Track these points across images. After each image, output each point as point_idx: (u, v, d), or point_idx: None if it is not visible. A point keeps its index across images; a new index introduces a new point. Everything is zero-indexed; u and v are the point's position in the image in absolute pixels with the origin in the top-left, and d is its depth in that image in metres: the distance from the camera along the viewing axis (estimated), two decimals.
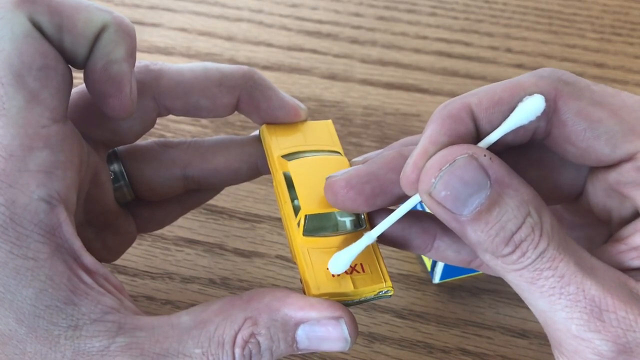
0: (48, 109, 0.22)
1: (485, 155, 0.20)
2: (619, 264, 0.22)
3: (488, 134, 0.22)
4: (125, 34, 0.24)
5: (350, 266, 0.24)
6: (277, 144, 0.28)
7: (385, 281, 0.24)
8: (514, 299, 0.35)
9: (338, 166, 0.26)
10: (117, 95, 0.24)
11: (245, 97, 0.28)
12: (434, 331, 0.34)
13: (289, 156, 0.27)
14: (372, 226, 0.25)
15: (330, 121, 0.30)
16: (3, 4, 0.21)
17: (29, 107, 0.21)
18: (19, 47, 0.21)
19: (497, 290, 0.36)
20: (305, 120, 0.29)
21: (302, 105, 0.29)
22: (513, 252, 0.20)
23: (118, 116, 0.25)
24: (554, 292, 0.20)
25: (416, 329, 0.34)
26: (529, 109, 0.21)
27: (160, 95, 0.27)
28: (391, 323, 0.34)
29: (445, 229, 0.25)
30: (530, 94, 0.21)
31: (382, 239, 0.24)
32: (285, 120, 0.29)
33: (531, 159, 0.24)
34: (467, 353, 0.33)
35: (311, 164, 0.26)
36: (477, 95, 0.22)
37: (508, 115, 0.22)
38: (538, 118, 0.21)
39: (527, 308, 0.35)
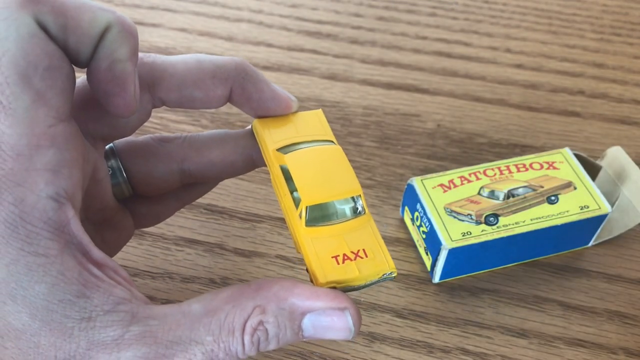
0: (54, 109, 0.22)
1: None
2: None
3: None
4: (129, 33, 0.24)
5: (353, 252, 0.25)
6: (270, 137, 0.28)
7: (388, 264, 0.25)
8: (514, 299, 0.35)
9: (334, 155, 0.27)
10: (121, 94, 0.24)
11: (237, 88, 0.28)
12: (434, 331, 0.34)
13: (283, 149, 0.28)
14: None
15: (320, 110, 0.30)
16: (8, 5, 0.21)
17: (35, 106, 0.21)
18: (25, 47, 0.21)
19: (497, 290, 0.36)
20: (296, 112, 0.29)
21: (293, 97, 0.29)
22: None
23: (121, 115, 0.25)
24: None
25: (416, 328, 0.34)
26: None
27: (154, 88, 0.27)
28: (391, 323, 0.34)
29: None
30: None
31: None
32: (276, 112, 0.29)
33: None
34: (467, 352, 0.33)
35: (307, 155, 0.27)
36: None
37: None
38: None
39: (527, 308, 0.35)
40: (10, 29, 0.21)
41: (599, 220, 0.35)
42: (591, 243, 0.38)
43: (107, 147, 0.29)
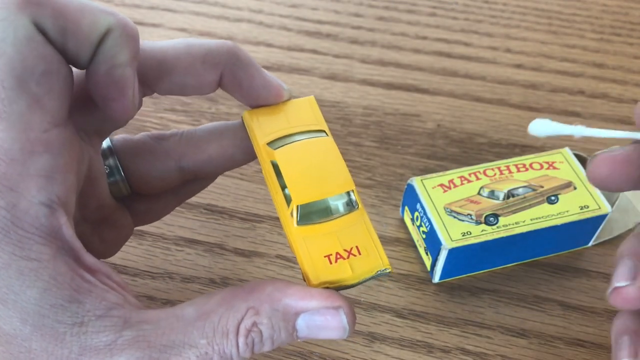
0: (49, 114, 0.22)
1: None
2: None
3: None
4: (130, 37, 0.23)
5: (346, 250, 0.24)
6: (261, 130, 0.27)
7: (382, 260, 0.24)
8: (514, 299, 0.35)
9: (325, 149, 0.26)
10: (119, 99, 0.24)
11: (228, 74, 0.27)
12: (434, 331, 0.34)
13: (274, 143, 0.27)
14: (590, 179, 0.25)
15: (312, 97, 0.29)
16: (6, 6, 0.21)
17: (31, 111, 0.21)
18: (22, 50, 0.21)
19: (497, 289, 0.36)
20: (287, 100, 0.29)
21: (285, 85, 0.29)
22: None
23: (120, 119, 0.25)
24: None
25: (416, 328, 0.34)
26: None
27: (143, 76, 0.27)
28: (391, 323, 0.34)
29: None
30: None
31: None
32: (267, 101, 0.28)
33: None
34: (467, 352, 0.33)
35: (298, 150, 0.26)
36: None
37: None
38: None
39: (527, 307, 0.35)
40: (8, 31, 0.21)
41: (599, 220, 0.35)
42: (591, 243, 0.38)
43: (105, 145, 0.29)
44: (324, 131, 0.28)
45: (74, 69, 0.24)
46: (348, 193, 0.26)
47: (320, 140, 0.27)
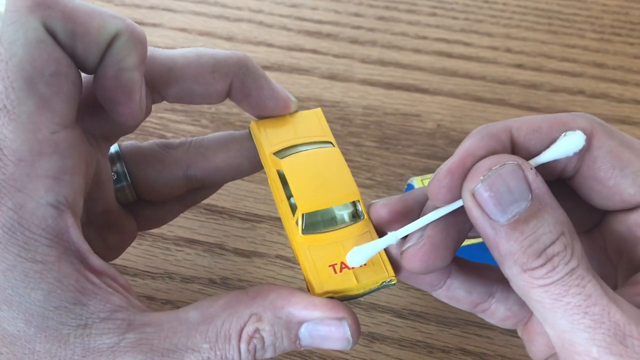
0: (58, 115, 0.22)
1: (531, 169, 0.21)
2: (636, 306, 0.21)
3: (525, 159, 0.22)
4: (137, 42, 0.24)
5: None
6: (267, 140, 0.28)
7: (387, 271, 0.24)
8: None
9: (331, 159, 0.26)
10: (126, 103, 0.24)
11: (237, 84, 0.28)
12: (434, 331, 0.34)
13: (280, 152, 0.27)
14: (372, 221, 0.25)
15: (319, 110, 0.29)
16: (18, 8, 0.21)
17: (40, 112, 0.21)
18: (32, 52, 0.21)
19: None
20: (294, 112, 0.29)
21: (292, 97, 0.29)
22: (543, 265, 0.20)
23: (126, 123, 0.25)
24: (578, 311, 0.20)
25: (416, 328, 0.34)
26: (571, 143, 0.22)
27: (153, 82, 0.27)
28: (391, 323, 0.34)
29: (460, 268, 0.25)
30: (571, 129, 0.22)
31: (396, 268, 0.24)
32: (274, 112, 0.28)
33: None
34: (467, 353, 0.33)
35: (304, 160, 0.26)
36: (518, 121, 0.23)
37: (545, 145, 0.22)
38: (574, 154, 0.22)
39: None
40: (18, 33, 0.21)
41: None
42: None
43: (113, 150, 0.29)
44: (331, 142, 0.28)
45: (82, 74, 0.24)
46: (354, 203, 0.26)
47: (326, 151, 0.27)
